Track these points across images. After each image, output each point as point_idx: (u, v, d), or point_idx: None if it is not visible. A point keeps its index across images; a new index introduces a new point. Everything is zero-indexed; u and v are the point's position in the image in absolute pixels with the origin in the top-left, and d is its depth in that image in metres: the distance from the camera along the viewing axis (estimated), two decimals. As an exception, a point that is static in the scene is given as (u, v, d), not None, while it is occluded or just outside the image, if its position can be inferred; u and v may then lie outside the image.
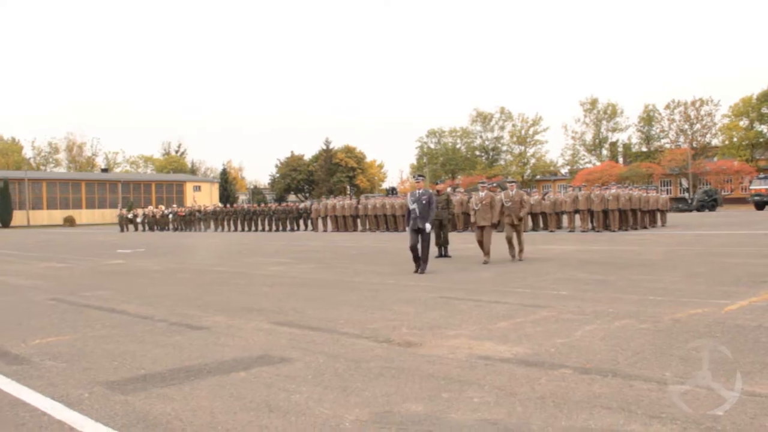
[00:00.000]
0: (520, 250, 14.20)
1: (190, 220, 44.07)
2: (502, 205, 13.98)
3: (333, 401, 4.26)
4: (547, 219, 27.68)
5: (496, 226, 14.12)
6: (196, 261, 17.38)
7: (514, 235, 14.16)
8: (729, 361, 4.91)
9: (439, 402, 4.16)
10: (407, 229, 12.48)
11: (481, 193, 13.97)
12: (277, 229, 37.29)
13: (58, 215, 72.44)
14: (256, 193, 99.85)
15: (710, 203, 54.16)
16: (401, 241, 23.19)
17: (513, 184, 14.87)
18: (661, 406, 3.91)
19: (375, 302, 8.65)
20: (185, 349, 6.07)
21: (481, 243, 13.83)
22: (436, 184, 15.13)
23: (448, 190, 15.26)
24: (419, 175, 13.30)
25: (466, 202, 27.89)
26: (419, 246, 12.08)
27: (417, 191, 12.44)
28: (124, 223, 48.07)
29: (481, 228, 13.80)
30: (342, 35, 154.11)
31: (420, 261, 12.10)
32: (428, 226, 12.02)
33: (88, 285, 12.04)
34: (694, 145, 76.36)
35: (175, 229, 44.97)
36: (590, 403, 4.02)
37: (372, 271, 12.86)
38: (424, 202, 12.17)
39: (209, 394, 4.55)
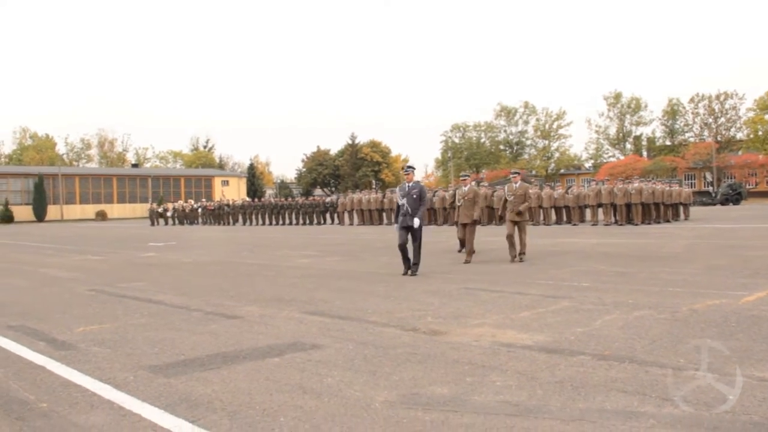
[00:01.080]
0: (522, 252, 12.93)
1: (218, 214, 44.63)
2: (505, 200, 13.29)
3: (363, 384, 4.54)
4: (570, 212, 27.77)
5: (478, 222, 13.47)
6: (226, 254, 17.75)
7: (516, 232, 13.03)
8: (742, 349, 5.11)
9: (463, 385, 4.42)
10: (396, 226, 11.40)
11: (464, 188, 13.26)
12: (304, 223, 37.70)
13: (90, 209, 73.61)
14: (283, 187, 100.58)
15: (734, 197, 53.67)
16: (426, 234, 23.46)
17: (517, 175, 13.60)
18: (674, 390, 4.13)
19: (401, 293, 8.92)
20: (221, 337, 6.39)
21: (462, 241, 13.04)
22: (462, 178, 13.72)
23: (472, 184, 13.55)
24: (408, 167, 11.82)
25: (490, 196, 28.06)
26: (410, 245, 11.16)
27: (406, 184, 11.34)
28: (154, 217, 48.78)
29: (464, 225, 13.15)
30: (369, 30, 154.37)
31: (410, 261, 11.11)
32: (417, 222, 11.02)
33: (125, 277, 12.45)
34: (719, 139, 75.59)
35: (204, 223, 45.57)
36: (606, 387, 4.25)
37: (398, 263, 13.05)
38: (414, 196, 11.15)
39: (246, 377, 4.85)
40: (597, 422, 3.61)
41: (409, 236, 11.17)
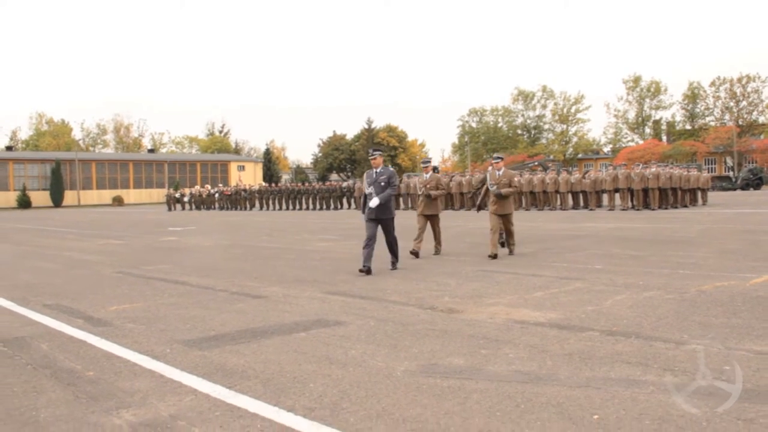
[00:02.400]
0: (510, 244, 11.61)
1: (235, 199, 45.13)
2: (487, 189, 11.89)
3: (385, 356, 4.86)
4: (587, 197, 27.92)
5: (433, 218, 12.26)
6: (245, 238, 18.14)
7: (501, 227, 11.38)
8: (744, 326, 5.38)
9: (478, 357, 4.73)
10: (364, 217, 10.05)
11: (425, 175, 12.32)
12: (321, 208, 38.10)
13: (107, 195, 74.51)
14: (299, 172, 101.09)
15: (755, 182, 53.33)
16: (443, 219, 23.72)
17: (499, 161, 11.80)
18: (675, 362, 4.42)
19: (419, 275, 9.24)
20: (248, 315, 6.73)
21: (422, 231, 11.89)
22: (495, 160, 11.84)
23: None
24: (374, 150, 10.28)
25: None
26: (386, 240, 10.04)
27: (374, 170, 10.02)
28: (171, 202, 49.39)
29: (427, 217, 12.17)
30: (386, 14, 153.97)
31: (371, 256, 9.56)
32: (375, 201, 9.71)
33: (148, 260, 12.85)
34: (740, 123, 74.98)
35: (221, 208, 46.10)
36: (612, 359, 4.55)
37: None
38: (382, 183, 9.83)
39: (275, 350, 5.18)
40: (601, 388, 3.90)
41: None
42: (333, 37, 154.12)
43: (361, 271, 9.39)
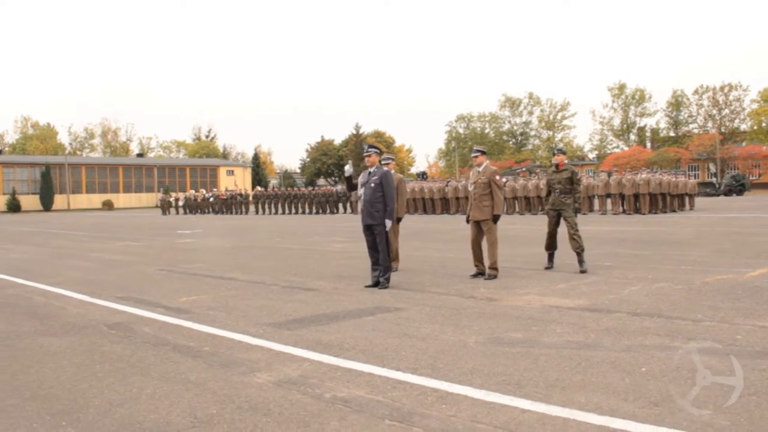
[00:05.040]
0: (491, 264, 9.30)
1: (230, 204, 45.91)
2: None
3: (452, 332, 5.82)
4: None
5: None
6: (259, 240, 19.00)
7: (483, 238, 9.55)
8: (747, 309, 6.40)
9: (531, 332, 5.71)
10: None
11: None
12: (317, 212, 38.96)
13: (96, 199, 75.00)
14: (287, 177, 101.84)
15: (738, 188, 54.91)
16: (444, 222, 24.74)
17: (479, 155, 9.68)
18: (695, 333, 5.42)
19: (447, 271, 10.21)
20: (310, 304, 7.65)
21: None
22: (557, 154, 10.46)
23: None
24: (369, 146, 9.05)
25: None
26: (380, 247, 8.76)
27: (368, 170, 8.93)
28: (166, 206, 50.08)
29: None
30: (373, 19, 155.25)
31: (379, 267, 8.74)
32: (389, 224, 8.76)
33: (179, 259, 13.70)
34: (723, 130, 76.83)
35: (216, 212, 46.80)
36: (643, 332, 5.54)
37: (429, 247, 14.38)
38: (372, 185, 8.78)
39: (355, 329, 6.12)
40: (641, 352, 4.89)
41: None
42: (321, 42, 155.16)
43: (368, 286, 8.80)
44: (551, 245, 10.23)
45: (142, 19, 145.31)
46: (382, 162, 9.33)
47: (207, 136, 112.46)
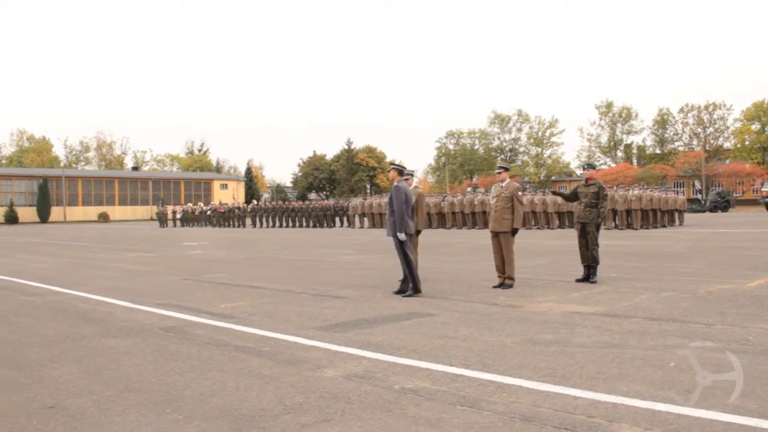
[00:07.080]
0: (508, 275, 9.88)
1: (228, 217, 46.36)
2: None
3: (488, 335, 6.41)
4: (573, 218, 29.75)
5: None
6: (268, 251, 19.51)
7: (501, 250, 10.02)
8: (753, 314, 7.03)
9: (561, 334, 6.31)
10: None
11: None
12: (315, 226, 39.47)
13: (92, 211, 75.37)
14: (279, 191, 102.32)
15: (723, 204, 56.10)
16: (443, 236, 25.35)
17: (501, 171, 10.45)
18: (710, 335, 6.05)
19: (463, 280, 10.81)
20: (347, 309, 8.21)
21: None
22: (586, 168, 10.86)
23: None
24: (391, 164, 9.77)
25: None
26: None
27: (396, 184, 9.45)
28: (164, 219, 50.46)
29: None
30: (364, 36, 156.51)
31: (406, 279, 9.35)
32: (402, 236, 9.18)
33: (199, 269, 14.18)
34: (707, 148, 78.24)
35: (213, 225, 47.21)
36: (663, 334, 6.16)
37: (438, 259, 14.96)
38: (387, 200, 9.51)
39: (397, 332, 6.68)
40: (666, 350, 5.51)
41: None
42: (312, 59, 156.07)
43: (396, 292, 9.45)
44: (584, 257, 10.57)
45: (135, 33, 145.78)
46: (404, 177, 9.67)
47: (200, 150, 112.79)
